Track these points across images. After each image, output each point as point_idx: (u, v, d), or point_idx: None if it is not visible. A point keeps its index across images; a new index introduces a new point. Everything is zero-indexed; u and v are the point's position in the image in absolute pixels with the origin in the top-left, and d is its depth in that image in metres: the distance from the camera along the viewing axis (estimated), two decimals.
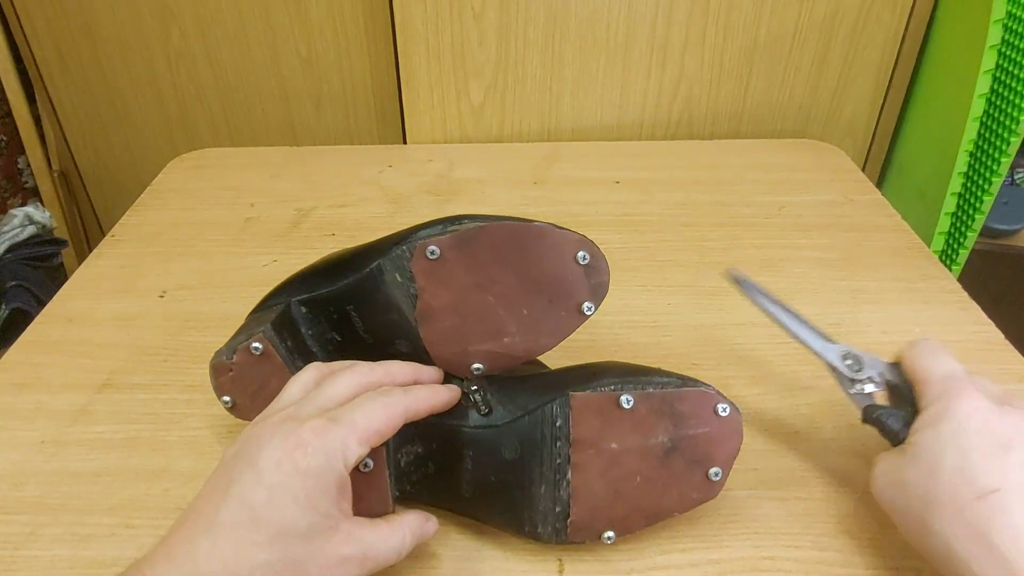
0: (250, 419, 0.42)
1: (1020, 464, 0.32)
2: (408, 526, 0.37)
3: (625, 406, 0.38)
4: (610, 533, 0.40)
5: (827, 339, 0.44)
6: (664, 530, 0.43)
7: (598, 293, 0.42)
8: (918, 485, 0.34)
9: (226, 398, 0.44)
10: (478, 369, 0.43)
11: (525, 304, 0.41)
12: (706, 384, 0.39)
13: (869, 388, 0.42)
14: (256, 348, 0.42)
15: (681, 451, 0.39)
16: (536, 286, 0.41)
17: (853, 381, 0.42)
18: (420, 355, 0.43)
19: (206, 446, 0.49)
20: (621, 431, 0.39)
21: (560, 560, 0.41)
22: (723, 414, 0.39)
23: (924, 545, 0.34)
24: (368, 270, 0.42)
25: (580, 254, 0.40)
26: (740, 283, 0.46)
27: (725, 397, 0.39)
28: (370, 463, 0.38)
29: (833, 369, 0.43)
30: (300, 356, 0.44)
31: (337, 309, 0.44)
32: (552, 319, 0.42)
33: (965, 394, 0.35)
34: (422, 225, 0.42)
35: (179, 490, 0.46)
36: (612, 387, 0.39)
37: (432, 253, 0.40)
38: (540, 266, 0.41)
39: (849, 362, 0.43)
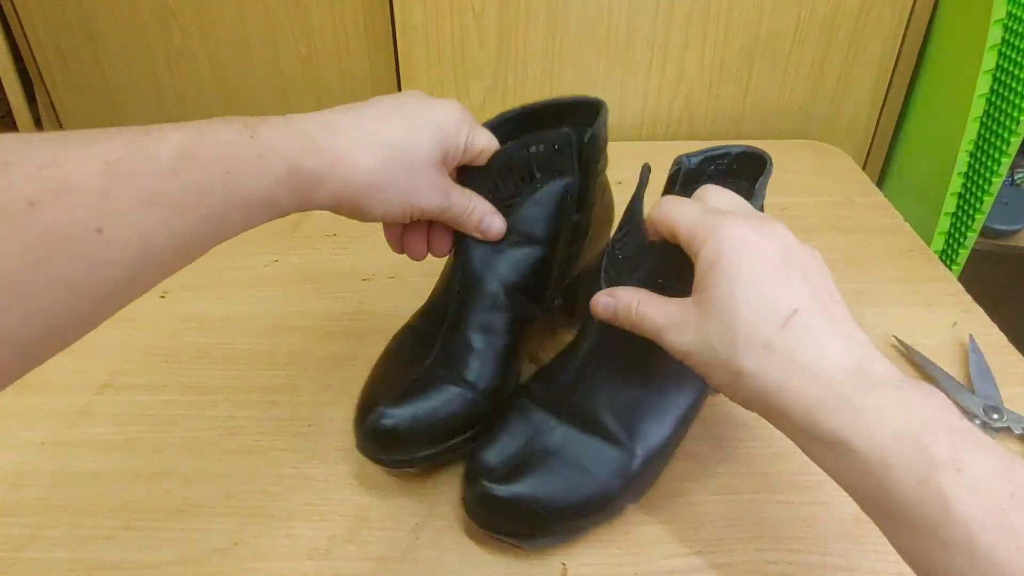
0: None
1: (801, 276, 0.32)
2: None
3: None
4: None
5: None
6: (668, 534, 0.43)
7: None
8: (720, 333, 0.31)
9: None
10: None
11: None
12: None
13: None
14: None
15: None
16: None
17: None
18: None
19: (207, 447, 0.49)
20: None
21: (564, 564, 0.41)
22: None
23: (740, 391, 0.32)
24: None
25: None
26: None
27: None
28: None
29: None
30: None
31: None
32: None
33: (725, 226, 0.33)
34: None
35: (180, 491, 0.45)
36: None
37: None
38: None
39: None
